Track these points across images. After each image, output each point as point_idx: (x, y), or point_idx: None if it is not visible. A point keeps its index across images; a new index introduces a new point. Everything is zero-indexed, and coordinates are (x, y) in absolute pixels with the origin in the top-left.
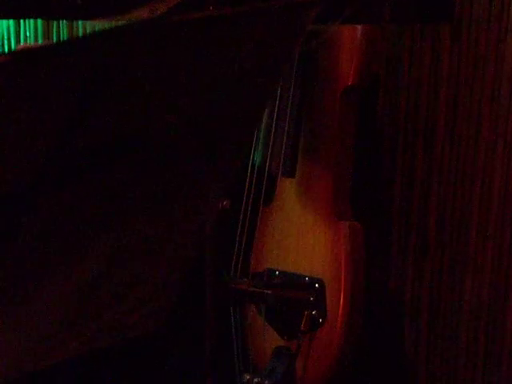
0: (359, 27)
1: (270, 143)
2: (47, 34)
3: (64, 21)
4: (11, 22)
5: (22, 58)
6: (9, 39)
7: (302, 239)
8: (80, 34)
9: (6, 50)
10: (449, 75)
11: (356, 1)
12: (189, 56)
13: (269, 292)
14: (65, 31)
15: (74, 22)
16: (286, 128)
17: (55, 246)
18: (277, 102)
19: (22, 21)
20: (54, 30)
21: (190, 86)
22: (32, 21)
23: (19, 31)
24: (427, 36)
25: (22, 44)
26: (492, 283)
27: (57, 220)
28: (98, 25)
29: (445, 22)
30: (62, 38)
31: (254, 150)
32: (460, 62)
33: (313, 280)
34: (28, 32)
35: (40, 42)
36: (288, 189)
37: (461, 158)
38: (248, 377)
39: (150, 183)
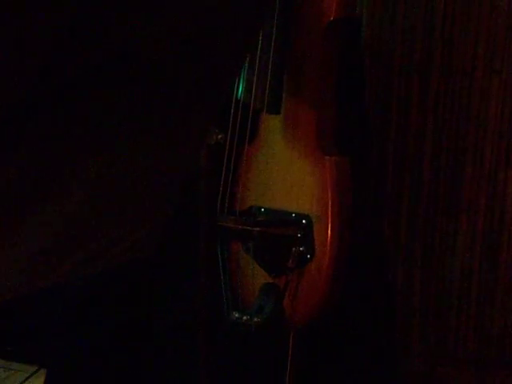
0: None
1: (255, 80)
2: None
3: None
4: None
5: None
6: None
7: (288, 176)
8: None
9: None
10: (444, 14)
11: None
12: None
13: (256, 229)
14: None
15: None
16: (270, 65)
17: (41, 170)
18: (260, 38)
19: None
20: None
21: (185, 8)
22: None
23: None
24: None
25: None
26: (486, 220)
27: (46, 142)
28: None
29: None
30: None
31: (238, 87)
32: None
33: (300, 216)
34: None
35: None
36: (272, 125)
37: (456, 95)
38: (236, 315)
39: (137, 109)
